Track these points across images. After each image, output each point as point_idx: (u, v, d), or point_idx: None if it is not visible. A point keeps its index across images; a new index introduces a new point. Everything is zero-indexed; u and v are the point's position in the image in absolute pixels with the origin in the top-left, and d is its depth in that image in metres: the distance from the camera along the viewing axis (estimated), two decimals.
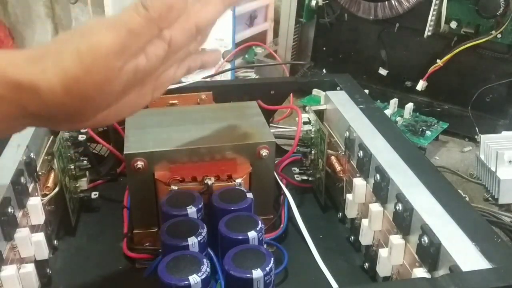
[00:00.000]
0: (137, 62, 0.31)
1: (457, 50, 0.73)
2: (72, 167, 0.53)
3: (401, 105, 0.78)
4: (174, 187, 0.45)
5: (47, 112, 0.30)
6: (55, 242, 0.49)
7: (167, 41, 0.32)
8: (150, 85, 0.35)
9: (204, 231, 0.41)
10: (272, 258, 0.38)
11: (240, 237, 0.40)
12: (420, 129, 0.73)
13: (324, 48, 0.91)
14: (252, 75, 0.94)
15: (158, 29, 0.31)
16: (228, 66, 0.91)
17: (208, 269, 0.37)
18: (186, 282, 0.35)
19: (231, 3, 0.36)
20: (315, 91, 0.64)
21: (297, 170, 0.61)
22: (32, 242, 0.41)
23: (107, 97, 0.31)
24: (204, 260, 0.37)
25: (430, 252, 0.35)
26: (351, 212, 0.49)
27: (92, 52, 0.29)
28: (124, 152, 0.45)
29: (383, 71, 0.84)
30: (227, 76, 0.87)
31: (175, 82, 0.37)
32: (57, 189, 0.49)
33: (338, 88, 0.60)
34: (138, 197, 0.47)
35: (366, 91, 0.65)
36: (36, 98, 0.29)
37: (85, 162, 0.54)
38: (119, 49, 0.29)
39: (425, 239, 0.36)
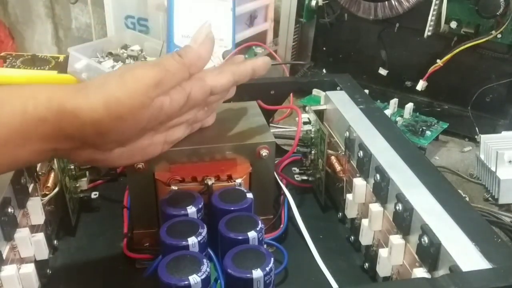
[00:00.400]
0: (164, 100, 0.37)
1: (457, 50, 0.73)
2: (72, 167, 0.53)
3: (401, 105, 0.78)
4: (174, 187, 0.45)
5: (80, 133, 0.35)
6: (55, 242, 0.49)
7: (187, 92, 0.39)
8: (161, 135, 0.41)
9: (204, 231, 0.41)
10: (272, 258, 0.38)
11: (240, 237, 0.40)
12: (420, 129, 0.73)
13: (324, 48, 0.91)
14: None
15: (188, 73, 0.38)
16: None
17: (208, 269, 0.37)
18: (186, 282, 0.35)
19: (240, 78, 0.43)
20: (315, 91, 0.64)
21: (297, 170, 0.61)
22: (32, 242, 0.41)
23: (134, 125, 0.37)
24: (204, 260, 0.37)
25: (430, 252, 0.35)
26: (351, 212, 0.49)
27: (135, 79, 0.36)
28: None
29: (383, 71, 0.84)
30: None
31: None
32: (57, 189, 0.48)
33: (338, 88, 0.60)
34: (138, 197, 0.47)
35: (366, 91, 0.65)
36: (75, 120, 0.34)
37: None
38: (157, 82, 0.36)
39: (425, 239, 0.36)
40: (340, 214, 0.54)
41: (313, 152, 0.57)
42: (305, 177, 0.59)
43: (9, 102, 0.34)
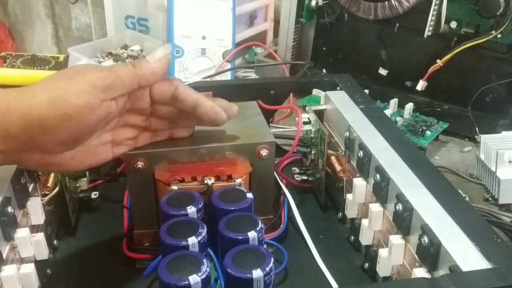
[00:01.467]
0: (111, 104, 0.38)
1: (457, 50, 0.73)
2: None
3: (401, 105, 0.78)
4: (174, 187, 0.45)
5: (26, 133, 0.35)
6: (55, 242, 0.49)
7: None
8: (109, 134, 0.42)
9: (204, 231, 0.41)
10: (272, 258, 0.38)
11: (240, 237, 0.40)
12: (420, 129, 0.73)
13: (324, 48, 0.91)
14: (252, 75, 0.94)
15: (138, 84, 0.39)
16: (228, 66, 0.91)
17: (208, 269, 0.37)
18: (186, 282, 0.35)
19: (180, 92, 0.42)
20: (315, 91, 0.64)
21: (297, 170, 0.61)
22: (32, 242, 0.41)
23: (82, 125, 0.37)
24: (204, 260, 0.37)
25: (430, 252, 0.35)
26: (351, 212, 0.49)
27: (84, 80, 0.36)
28: None
29: (383, 71, 0.84)
30: (227, 76, 0.87)
31: (135, 146, 0.45)
32: (57, 189, 0.48)
33: (338, 88, 0.60)
34: (138, 197, 0.47)
35: (366, 91, 0.65)
36: (20, 119, 0.34)
37: None
38: (105, 86, 0.37)
39: (425, 239, 0.36)
40: (340, 214, 0.54)
41: (313, 152, 0.57)
42: (305, 177, 0.59)
43: None
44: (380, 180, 0.43)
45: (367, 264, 0.47)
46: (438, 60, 0.75)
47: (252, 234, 0.40)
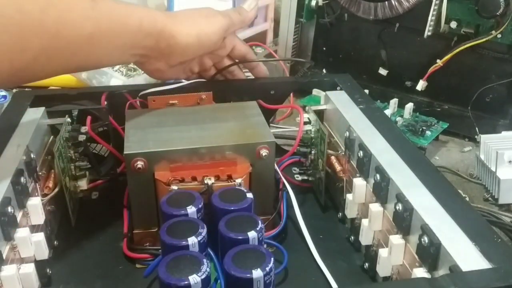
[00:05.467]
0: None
1: (457, 50, 0.73)
2: (72, 167, 0.53)
3: (401, 105, 0.78)
4: (174, 187, 0.45)
5: (169, 49, 0.51)
6: (55, 242, 0.49)
7: None
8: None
9: (204, 231, 0.41)
10: (272, 258, 0.38)
11: (240, 237, 0.40)
12: (420, 129, 0.73)
13: (324, 48, 0.91)
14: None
15: (240, 27, 0.59)
16: None
17: (208, 269, 0.37)
18: (186, 282, 0.35)
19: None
20: (315, 91, 0.64)
21: (297, 170, 0.61)
22: (32, 242, 0.41)
23: (204, 51, 0.55)
24: (204, 260, 0.37)
25: (430, 252, 0.35)
26: (351, 212, 0.49)
27: (218, 22, 0.53)
28: (124, 152, 0.45)
29: (383, 71, 0.84)
30: None
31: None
32: (57, 189, 0.49)
33: (338, 88, 0.60)
34: (138, 197, 0.47)
35: (366, 91, 0.65)
36: (171, 39, 0.50)
37: (85, 162, 0.54)
38: (228, 28, 0.55)
39: (425, 239, 0.36)
40: (340, 214, 0.54)
41: (313, 152, 0.57)
42: (305, 177, 0.59)
43: (131, 16, 0.46)
44: (380, 180, 0.43)
45: (367, 264, 0.47)
46: (438, 60, 0.75)
47: (252, 234, 0.40)
